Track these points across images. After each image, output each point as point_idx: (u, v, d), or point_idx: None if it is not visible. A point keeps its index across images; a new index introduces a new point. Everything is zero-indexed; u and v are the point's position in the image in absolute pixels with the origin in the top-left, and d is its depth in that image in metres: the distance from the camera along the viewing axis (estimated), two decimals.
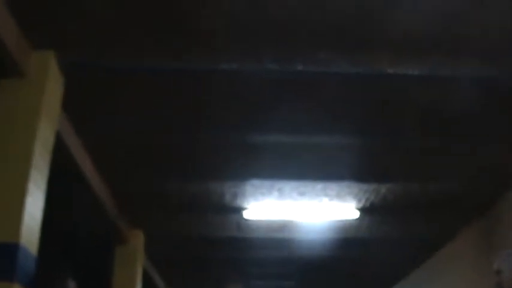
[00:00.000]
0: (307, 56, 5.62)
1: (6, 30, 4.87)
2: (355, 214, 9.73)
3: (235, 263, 13.37)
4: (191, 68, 5.82)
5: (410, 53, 5.59)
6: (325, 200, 9.20)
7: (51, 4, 4.99)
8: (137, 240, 10.63)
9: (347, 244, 11.65)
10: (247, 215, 9.84)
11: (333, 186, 8.71)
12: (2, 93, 5.31)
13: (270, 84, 6.17)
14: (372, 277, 14.48)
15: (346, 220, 10.13)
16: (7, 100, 5.29)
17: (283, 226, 10.55)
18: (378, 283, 15.33)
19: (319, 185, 8.65)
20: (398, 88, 6.24)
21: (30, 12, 5.07)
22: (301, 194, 8.96)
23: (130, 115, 6.77)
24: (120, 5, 5.02)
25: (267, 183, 8.60)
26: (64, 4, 4.99)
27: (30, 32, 5.28)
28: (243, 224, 10.43)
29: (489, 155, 7.66)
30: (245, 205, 9.50)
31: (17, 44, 5.12)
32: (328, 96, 6.39)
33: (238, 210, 9.69)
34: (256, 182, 8.58)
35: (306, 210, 9.60)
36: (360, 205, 9.44)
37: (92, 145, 7.37)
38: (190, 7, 5.05)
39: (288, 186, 8.71)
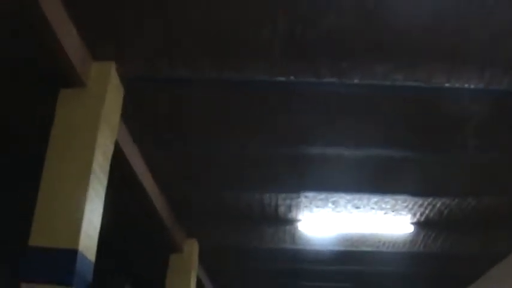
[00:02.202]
0: (365, 69, 5.62)
1: (69, 41, 5.00)
2: (410, 228, 9.65)
3: (288, 275, 13.35)
4: (249, 80, 5.86)
5: (467, 67, 5.54)
6: (380, 213, 9.15)
7: (112, 17, 5.10)
8: (192, 249, 10.69)
9: (401, 258, 11.55)
10: (301, 227, 9.84)
11: (388, 200, 8.66)
12: (64, 103, 5.44)
13: (327, 97, 6.18)
14: None
15: (401, 234, 10.05)
16: (68, 109, 5.41)
17: (338, 239, 10.51)
18: None
19: (374, 198, 8.61)
20: (455, 102, 6.19)
21: (93, 24, 5.18)
22: (356, 207, 8.93)
23: (188, 126, 6.85)
24: (178, 22, 5.11)
25: (321, 195, 8.59)
26: (125, 18, 5.09)
27: (92, 44, 5.40)
28: (297, 236, 10.43)
29: None
30: (299, 217, 9.50)
31: (78, 54, 5.24)
32: (385, 109, 6.38)
33: (293, 222, 9.69)
34: (311, 195, 8.58)
35: (360, 223, 9.55)
36: (415, 219, 9.36)
37: (150, 154, 7.47)
38: (249, 24, 5.11)
39: (343, 199, 8.68)
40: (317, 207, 9.00)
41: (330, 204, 8.90)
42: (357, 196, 8.57)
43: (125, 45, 5.49)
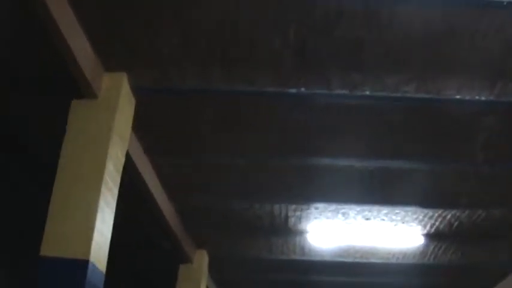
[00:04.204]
0: (376, 81, 5.63)
1: (81, 52, 5.03)
2: (420, 240, 9.63)
3: (297, 286, 13.32)
4: (260, 91, 5.88)
5: (478, 79, 5.55)
6: (390, 225, 9.14)
7: (124, 28, 5.13)
8: (201, 259, 10.70)
9: (411, 270, 11.52)
10: (311, 238, 9.83)
11: (398, 212, 8.64)
12: (75, 114, 5.47)
13: (338, 108, 6.20)
14: None
15: (411, 246, 10.03)
16: (80, 120, 5.44)
17: (347, 250, 10.50)
18: None
19: (384, 210, 8.60)
20: (465, 113, 6.20)
21: (105, 35, 5.21)
22: (366, 218, 8.92)
23: (198, 136, 6.88)
24: (190, 34, 5.14)
25: (331, 206, 8.59)
26: (137, 29, 5.13)
27: (104, 55, 5.44)
28: (307, 247, 10.42)
29: None
30: (309, 228, 9.50)
31: (90, 65, 5.27)
32: (395, 121, 6.39)
33: (302, 233, 9.69)
34: (320, 206, 8.57)
35: (370, 234, 9.54)
36: (425, 231, 9.35)
37: (160, 165, 7.50)
38: (258, 35, 5.14)
39: (353, 210, 8.68)
40: (327, 218, 8.99)
41: (339, 216, 8.90)
42: (366, 207, 8.56)
43: (137, 56, 5.52)
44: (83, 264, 4.93)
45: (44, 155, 6.46)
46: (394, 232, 9.44)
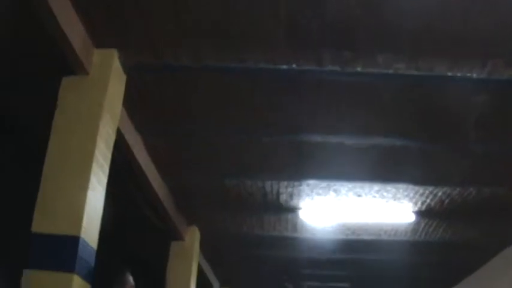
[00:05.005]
0: (367, 58, 5.63)
1: (71, 28, 5.01)
2: (411, 217, 9.67)
3: (289, 263, 13.38)
4: (250, 69, 5.87)
5: (469, 56, 5.55)
6: (382, 201, 9.16)
7: (115, 4, 5.10)
8: (193, 236, 10.73)
9: (402, 247, 11.57)
10: (302, 215, 9.86)
11: (390, 188, 8.67)
12: (66, 91, 5.45)
13: (330, 86, 6.19)
14: (427, 281, 14.35)
15: (402, 223, 10.07)
16: (70, 97, 5.42)
17: (339, 227, 10.53)
18: (433, 286, 15.18)
19: (375, 187, 8.62)
20: (457, 92, 6.20)
21: (95, 11, 5.18)
22: (358, 195, 8.94)
23: (190, 113, 6.86)
24: (181, 11, 5.11)
25: (323, 183, 8.60)
26: (127, 5, 5.10)
27: (94, 31, 5.41)
28: (299, 224, 10.45)
29: None
30: (301, 205, 9.52)
31: (81, 42, 5.25)
32: (387, 98, 6.38)
33: (294, 210, 9.71)
34: (312, 183, 8.59)
35: (362, 211, 9.57)
36: (416, 208, 9.38)
37: (151, 142, 7.49)
38: (249, 12, 5.12)
39: (345, 187, 8.70)
40: (318, 195, 9.01)
41: (331, 192, 8.92)
42: (358, 184, 8.59)
43: (127, 33, 5.49)
44: (74, 240, 4.94)
45: (34, 133, 6.43)
46: (386, 209, 9.47)
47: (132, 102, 6.38)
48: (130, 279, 5.62)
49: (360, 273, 14.22)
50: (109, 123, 5.59)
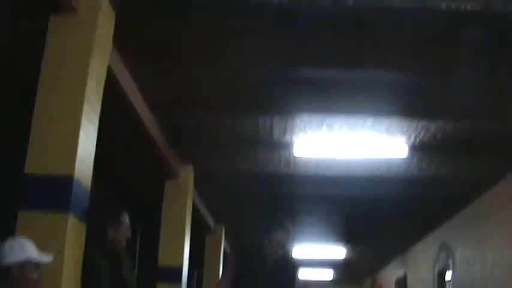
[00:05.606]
0: None
1: None
2: (404, 151, 9.68)
3: (283, 199, 13.44)
4: (242, 3, 5.81)
5: None
6: (375, 136, 9.16)
7: None
8: (187, 175, 10.76)
9: (396, 182, 11.62)
10: (296, 151, 9.86)
11: (383, 122, 8.66)
12: (54, 30, 5.37)
13: (321, 19, 6.12)
14: (419, 216, 14.46)
15: (395, 158, 10.09)
16: (59, 36, 5.35)
17: (332, 162, 10.56)
18: (426, 221, 15.32)
19: (369, 121, 8.61)
20: (451, 23, 6.13)
21: None
22: (351, 129, 8.93)
23: (181, 50, 6.80)
24: None
25: (316, 118, 8.59)
26: None
27: None
28: (292, 160, 10.47)
29: None
30: (294, 141, 9.51)
31: None
32: (380, 31, 6.33)
33: (287, 145, 9.71)
34: (305, 117, 8.57)
35: (355, 145, 9.58)
36: (409, 142, 9.39)
37: (143, 80, 7.43)
38: None
39: (338, 121, 8.68)
40: (311, 130, 9.00)
41: (324, 127, 8.91)
42: (351, 118, 8.57)
43: None
44: (68, 180, 4.94)
45: (23, 74, 6.36)
46: (379, 144, 9.48)
47: (122, 41, 6.31)
48: (126, 218, 5.64)
49: (354, 209, 14.30)
50: (99, 62, 5.53)
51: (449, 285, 15.30)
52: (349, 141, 9.44)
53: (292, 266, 6.34)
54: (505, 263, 11.01)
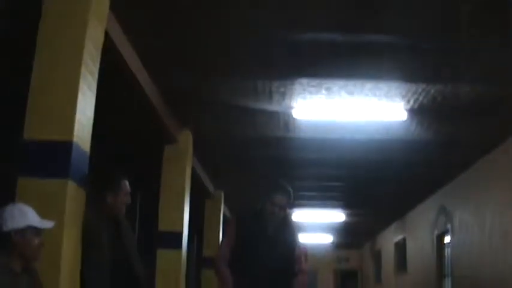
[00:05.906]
0: None
1: None
2: (403, 115, 9.67)
3: (282, 163, 13.46)
4: None
5: None
6: (374, 99, 9.14)
7: None
8: (186, 140, 10.76)
9: (395, 146, 11.63)
10: (295, 114, 9.84)
11: (382, 86, 8.63)
12: None
13: None
14: (419, 179, 14.50)
15: (394, 121, 10.08)
16: (55, 2, 5.29)
17: (331, 126, 10.54)
18: (425, 185, 15.37)
19: (368, 84, 8.58)
20: None
21: None
22: (350, 93, 8.91)
23: (179, 12, 6.75)
24: None
25: (315, 82, 8.55)
26: None
27: None
28: (291, 124, 10.46)
29: None
30: (293, 105, 9.50)
31: None
32: None
33: (287, 109, 9.69)
34: (304, 81, 8.54)
35: (354, 109, 9.56)
36: (409, 106, 9.37)
37: (141, 44, 7.39)
38: None
39: (337, 85, 8.66)
40: (310, 93, 8.98)
41: (323, 91, 8.88)
42: (350, 82, 8.54)
43: None
44: (67, 145, 4.92)
45: (21, 40, 6.31)
46: (378, 107, 9.46)
47: (119, 4, 6.25)
48: (127, 185, 5.62)
49: (354, 173, 14.34)
50: (96, 26, 5.47)
51: (447, 249, 15.39)
52: (348, 105, 9.41)
53: (292, 230, 6.35)
54: (503, 229, 11.06)
